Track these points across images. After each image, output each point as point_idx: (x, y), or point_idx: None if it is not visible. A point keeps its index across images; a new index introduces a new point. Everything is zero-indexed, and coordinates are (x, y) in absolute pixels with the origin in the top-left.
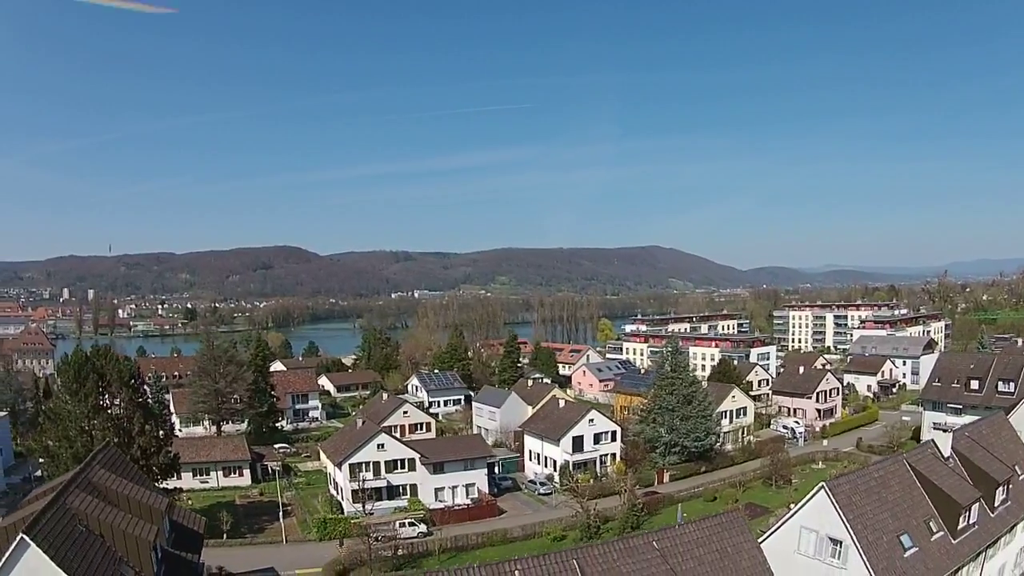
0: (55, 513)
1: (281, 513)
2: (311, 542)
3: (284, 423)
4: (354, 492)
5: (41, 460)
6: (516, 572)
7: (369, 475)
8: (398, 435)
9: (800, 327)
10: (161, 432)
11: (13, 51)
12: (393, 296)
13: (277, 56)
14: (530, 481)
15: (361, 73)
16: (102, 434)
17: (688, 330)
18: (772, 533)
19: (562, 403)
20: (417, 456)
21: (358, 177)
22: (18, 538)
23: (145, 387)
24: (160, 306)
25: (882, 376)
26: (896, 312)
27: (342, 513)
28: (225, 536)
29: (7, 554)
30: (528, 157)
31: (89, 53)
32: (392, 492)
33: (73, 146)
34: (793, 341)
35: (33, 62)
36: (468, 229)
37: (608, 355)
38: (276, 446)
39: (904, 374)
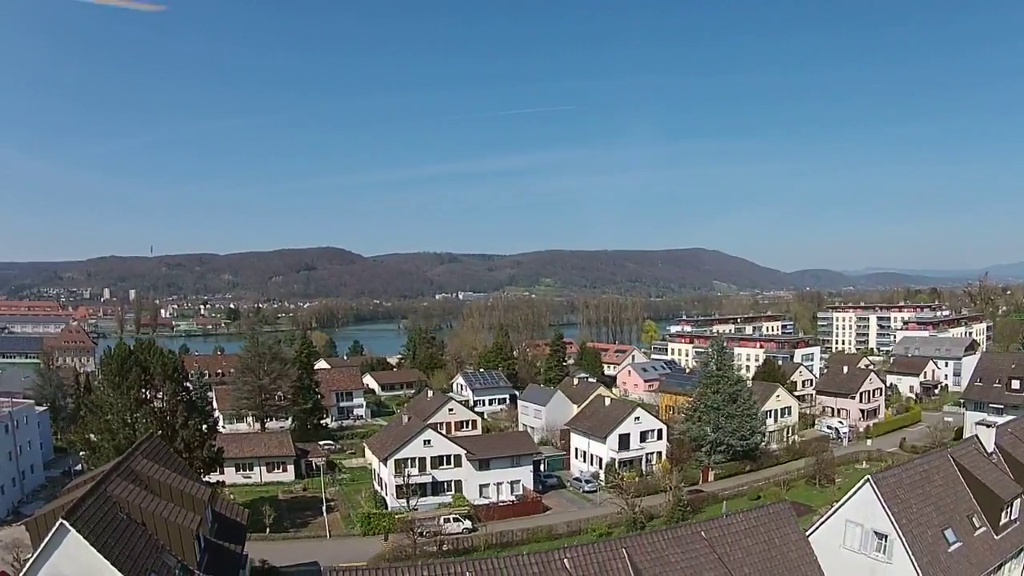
0: (96, 500)
1: (325, 508)
2: (354, 537)
3: (328, 421)
4: (399, 487)
5: (82, 453)
6: (565, 560)
7: (414, 471)
8: (444, 432)
9: (844, 329)
10: (204, 426)
11: (55, 54)
12: (437, 297)
13: (322, 59)
14: (575, 479)
15: (406, 76)
16: (145, 427)
17: (733, 331)
18: (818, 527)
19: (608, 401)
20: (463, 452)
21: (403, 179)
22: (57, 523)
23: (188, 382)
24: (202, 306)
25: (924, 377)
26: (938, 314)
27: (386, 508)
28: (268, 530)
29: (47, 539)
30: (572, 159)
31: (132, 56)
32: (437, 488)
33: (115, 147)
34: (837, 343)
35: (75, 65)
36: (513, 231)
37: (653, 356)
38: (320, 443)
39: (946, 375)
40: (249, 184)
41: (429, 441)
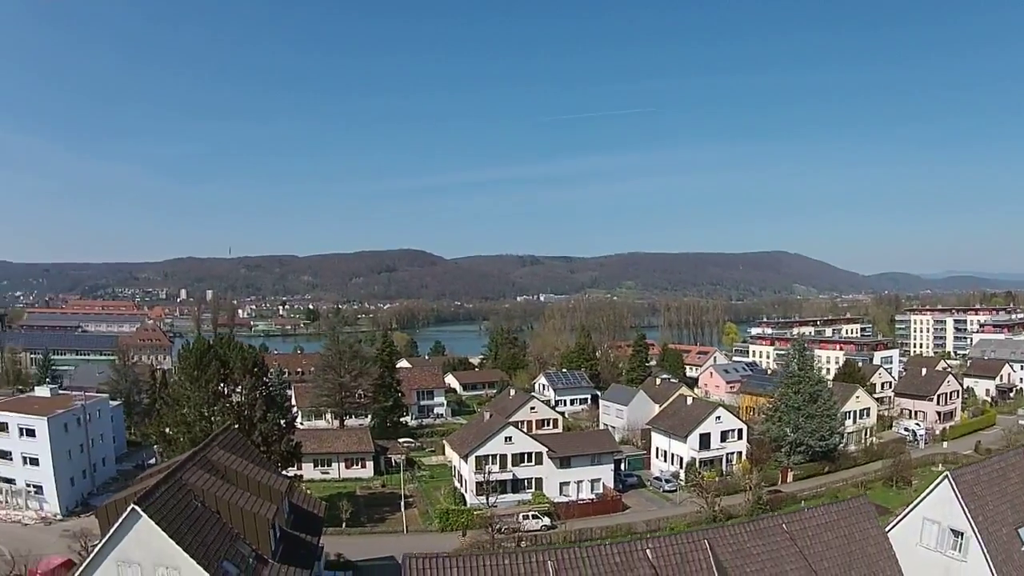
0: (170, 488)
1: (403, 504)
2: (432, 532)
3: (409, 419)
4: (479, 484)
5: (156, 447)
6: (648, 551)
7: (495, 467)
8: (525, 430)
9: (921, 331)
10: (283, 421)
11: (134, 58)
12: (519, 300)
13: (403, 60)
14: (655, 478)
15: (486, 77)
16: (222, 421)
17: (812, 333)
18: (896, 524)
19: (690, 400)
20: (544, 450)
21: (484, 181)
22: (128, 509)
23: (268, 377)
24: (281, 307)
25: (1000, 380)
26: (1013, 317)
27: (465, 505)
28: (344, 524)
29: (117, 523)
30: (653, 161)
31: (211, 61)
32: (517, 485)
33: (192, 150)
34: (914, 345)
35: (154, 70)
36: (595, 233)
37: (734, 358)
38: (400, 440)
39: (1021, 378)
40: (330, 186)
41: (510, 438)
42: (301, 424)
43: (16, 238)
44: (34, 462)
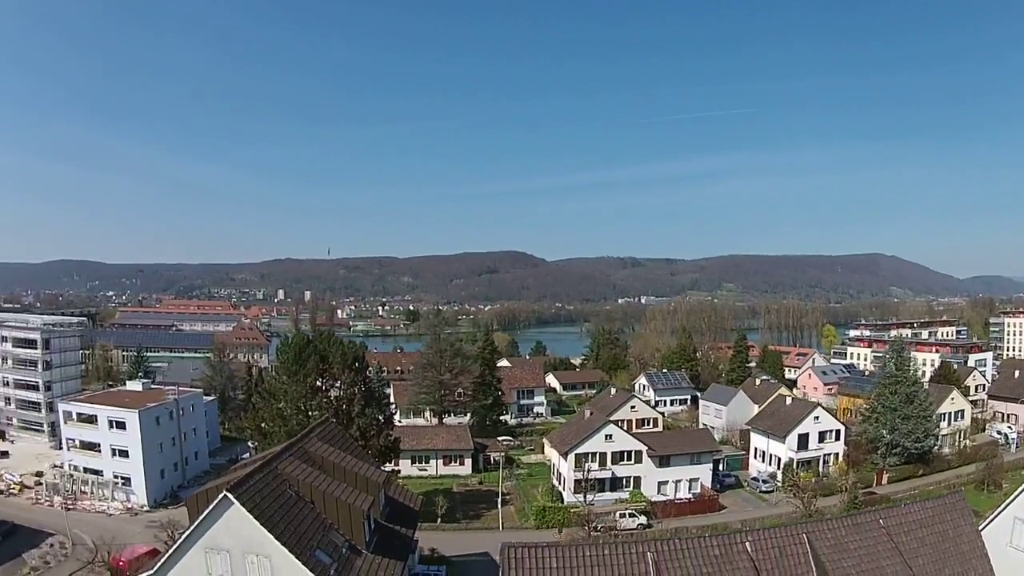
0: (264, 476)
1: (500, 501)
2: (528, 529)
3: (508, 417)
4: (576, 482)
5: (251, 443)
6: (747, 544)
7: (594, 465)
8: (625, 429)
9: (1015, 334)
10: (382, 417)
11: (238, 62)
12: (620, 302)
13: (502, 64)
14: (752, 478)
15: (586, 79)
16: (319, 415)
17: (909, 336)
18: (988, 523)
19: (789, 400)
20: (644, 448)
21: (585, 183)
22: (220, 495)
23: (367, 372)
24: (381, 308)
25: None
26: None
27: (562, 503)
28: (439, 520)
29: (207, 510)
30: (752, 163)
31: (316, 64)
32: (615, 484)
33: (294, 153)
34: (1009, 348)
35: (257, 73)
36: (695, 235)
37: (832, 360)
38: (499, 438)
39: None
40: (430, 188)
41: (611, 436)
42: (400, 422)
43: (110, 239)
44: (123, 454)
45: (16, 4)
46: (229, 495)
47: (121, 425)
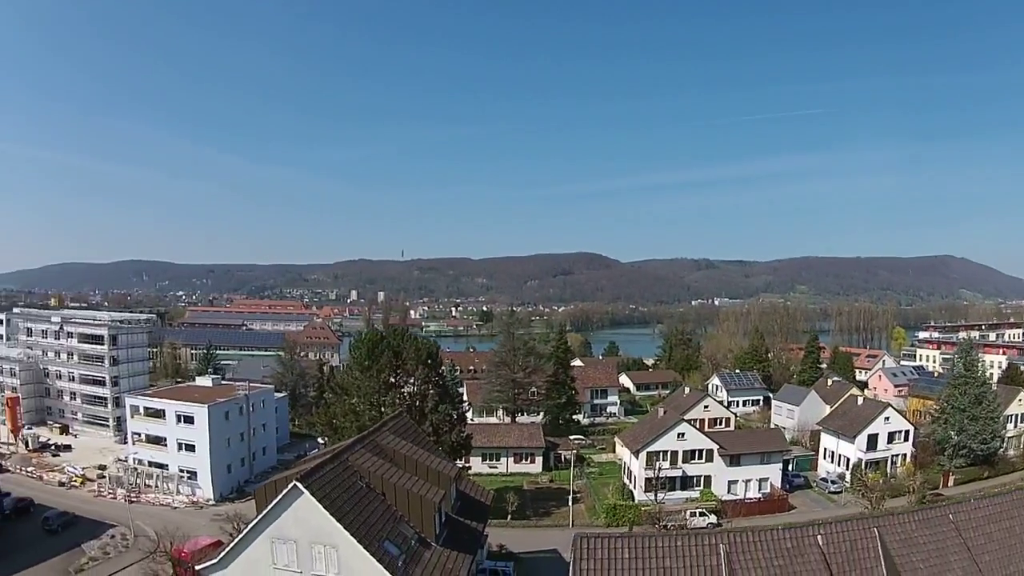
0: (335, 468)
1: (571, 499)
2: (598, 527)
3: (581, 417)
4: (648, 480)
5: (320, 440)
6: (819, 537)
7: (666, 464)
8: (697, 428)
9: None
10: (455, 413)
11: (311, 66)
12: (693, 303)
13: (579, 64)
14: (822, 479)
15: (661, 80)
16: (392, 410)
17: (977, 338)
18: None
19: (860, 400)
20: (715, 447)
21: (660, 184)
22: (290, 485)
23: (441, 368)
24: (454, 308)
25: None
26: None
27: (633, 501)
28: (509, 517)
29: (276, 500)
30: (824, 163)
31: (387, 66)
32: (686, 482)
33: (366, 154)
34: None
35: (329, 75)
36: (769, 237)
37: (902, 362)
38: (571, 437)
39: None
40: (506, 191)
41: (683, 435)
42: (472, 420)
43: (180, 241)
44: (190, 448)
45: (94, 11)
46: (299, 484)
47: (189, 420)
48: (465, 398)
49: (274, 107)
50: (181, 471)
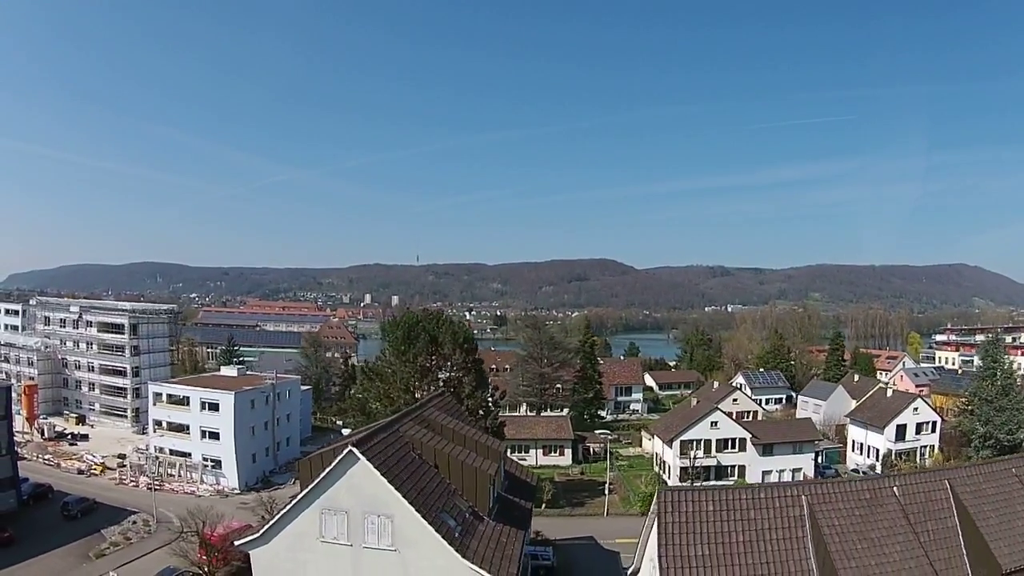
0: (388, 437)
1: (607, 488)
2: (632, 516)
3: (604, 413)
4: (683, 470)
5: (345, 431)
6: (895, 488)
7: (700, 453)
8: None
9: None
10: (490, 399)
11: (325, 66)
12: (707, 310)
13: (594, 72)
14: (853, 470)
15: (676, 88)
16: (427, 395)
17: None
18: None
19: (889, 392)
20: (748, 436)
21: (676, 191)
22: (346, 451)
23: (477, 353)
24: (468, 312)
25: None
26: None
27: None
28: (544, 506)
29: (330, 467)
30: (839, 171)
31: (411, 68)
32: (720, 473)
33: (383, 159)
34: None
35: (347, 79)
36: (784, 244)
37: (920, 363)
38: (597, 432)
39: None
40: (522, 197)
41: (716, 423)
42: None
43: (195, 243)
44: (214, 436)
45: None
46: (355, 451)
47: (214, 407)
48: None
49: (293, 108)
50: (205, 459)
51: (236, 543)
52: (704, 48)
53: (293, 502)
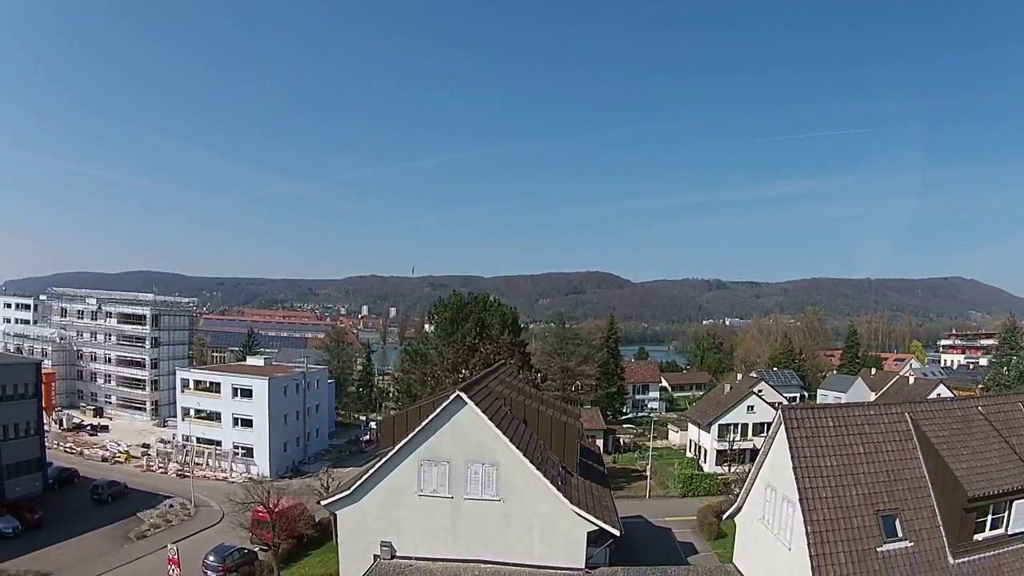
0: (481, 390)
1: (649, 471)
2: (673, 498)
3: (625, 410)
4: (719, 453)
5: (372, 425)
6: (979, 407)
7: (737, 436)
8: None
9: None
10: (533, 382)
11: (336, 73)
12: (704, 323)
13: (594, 85)
14: None
15: (675, 101)
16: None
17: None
18: None
19: (912, 380)
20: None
21: (673, 205)
22: (454, 395)
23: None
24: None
25: None
26: None
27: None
28: None
29: (435, 413)
30: (838, 185)
31: (419, 73)
32: (755, 456)
33: (379, 171)
34: None
35: (358, 86)
36: (780, 258)
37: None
38: (624, 425)
39: None
40: (518, 211)
41: (752, 407)
42: None
43: (192, 253)
44: (246, 424)
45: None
46: (463, 395)
47: (247, 393)
48: None
49: (290, 120)
50: (236, 447)
51: (323, 503)
52: (699, 61)
53: (389, 455)
